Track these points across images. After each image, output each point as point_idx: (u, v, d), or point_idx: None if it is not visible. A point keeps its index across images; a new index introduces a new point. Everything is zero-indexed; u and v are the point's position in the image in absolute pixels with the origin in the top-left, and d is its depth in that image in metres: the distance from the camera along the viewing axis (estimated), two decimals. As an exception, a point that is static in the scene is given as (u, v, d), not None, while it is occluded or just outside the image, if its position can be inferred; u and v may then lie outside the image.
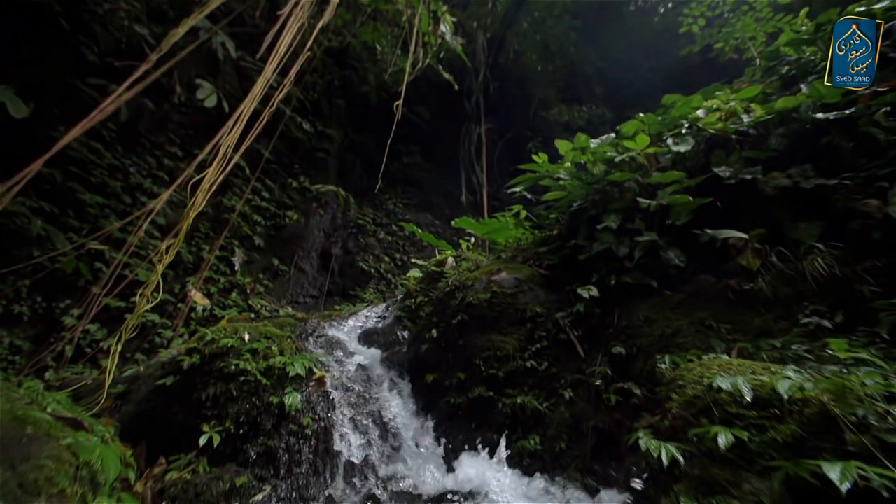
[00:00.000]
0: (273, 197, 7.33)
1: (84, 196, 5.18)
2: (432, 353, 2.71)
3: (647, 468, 1.40)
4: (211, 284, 6.38)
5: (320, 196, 7.60)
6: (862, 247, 2.17)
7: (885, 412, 1.20)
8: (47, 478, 1.17)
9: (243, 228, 6.79)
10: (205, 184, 2.37)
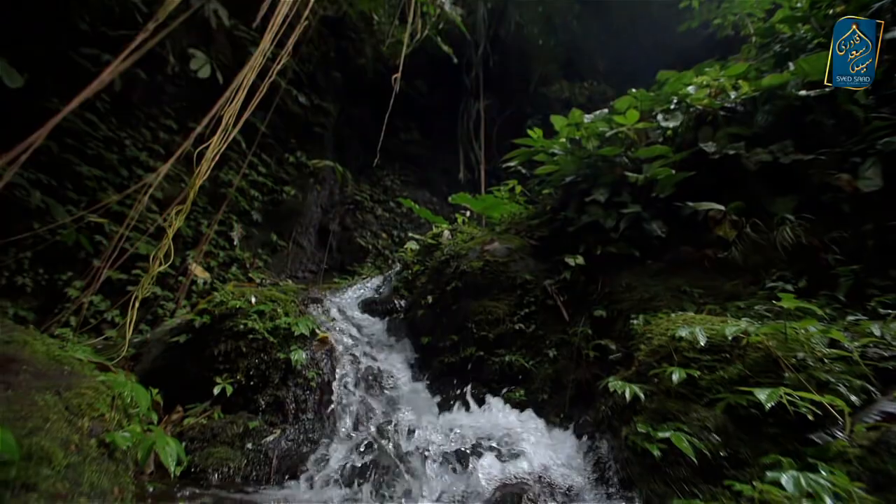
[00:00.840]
0: (270, 172, 7.38)
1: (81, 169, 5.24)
2: (428, 318, 2.92)
3: (613, 405, 1.62)
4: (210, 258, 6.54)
5: (317, 171, 7.65)
6: (831, 218, 2.35)
7: (822, 355, 1.40)
8: (88, 403, 1.37)
9: (241, 203, 6.89)
10: (209, 153, 2.49)
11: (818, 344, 1.42)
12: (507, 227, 3.53)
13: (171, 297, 5.74)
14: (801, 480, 0.87)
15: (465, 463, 1.65)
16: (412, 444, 1.85)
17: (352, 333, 2.95)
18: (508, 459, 1.62)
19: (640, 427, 1.39)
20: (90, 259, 5.19)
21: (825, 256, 2.18)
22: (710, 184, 2.77)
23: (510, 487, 1.35)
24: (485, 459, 1.65)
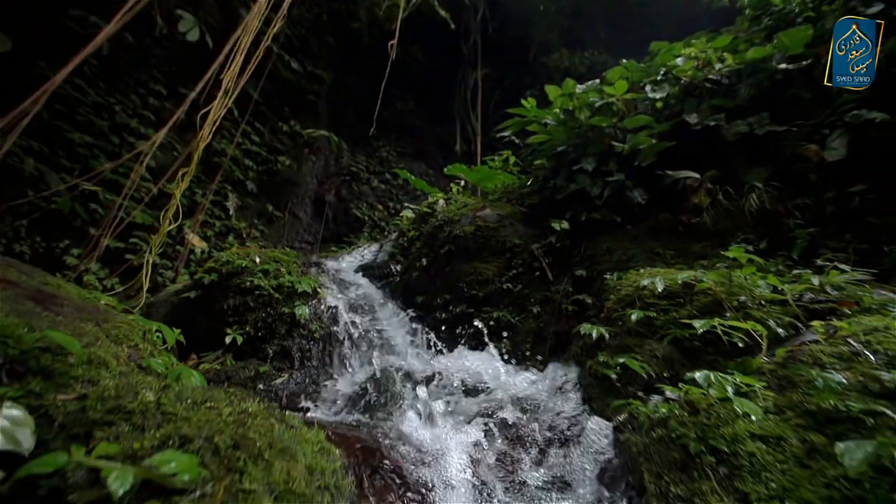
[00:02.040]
0: (263, 141, 7.40)
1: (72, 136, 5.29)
2: (422, 279, 3.16)
3: (583, 345, 1.89)
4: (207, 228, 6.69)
5: (312, 141, 7.67)
6: (798, 187, 2.56)
7: (762, 298, 1.65)
8: (125, 334, 1.60)
9: (235, 173, 6.96)
10: (211, 116, 2.61)
11: (758, 289, 1.67)
12: (500, 196, 3.72)
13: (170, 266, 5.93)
14: (710, 376, 1.12)
15: (454, 393, 1.93)
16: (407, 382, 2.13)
17: (351, 293, 3.20)
18: (490, 391, 1.90)
19: (601, 358, 1.66)
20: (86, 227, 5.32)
21: (787, 221, 2.41)
22: (691, 154, 2.96)
23: (488, 405, 1.63)
24: (470, 391, 1.92)
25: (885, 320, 1.32)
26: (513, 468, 1.18)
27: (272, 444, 0.87)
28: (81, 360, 1.14)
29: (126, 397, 0.92)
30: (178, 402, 0.93)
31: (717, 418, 1.07)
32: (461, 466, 1.13)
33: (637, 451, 1.10)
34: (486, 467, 1.15)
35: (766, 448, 0.98)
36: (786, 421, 1.04)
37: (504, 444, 1.32)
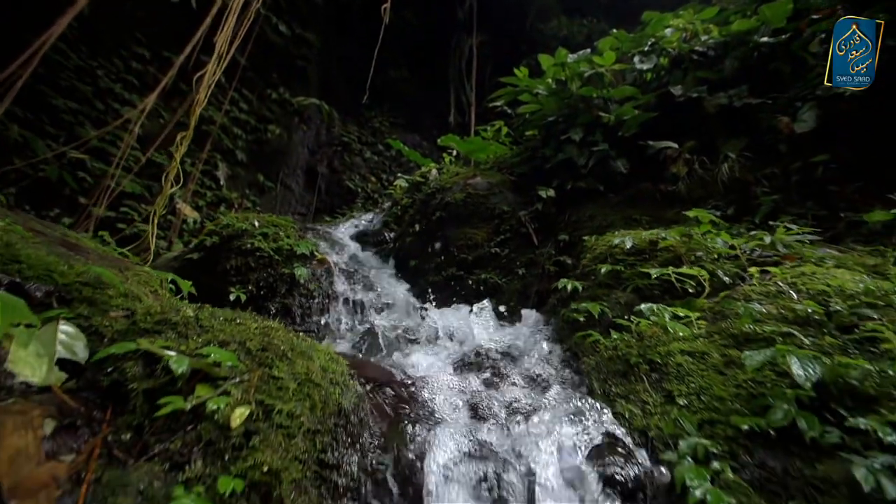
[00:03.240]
0: (252, 109, 7.36)
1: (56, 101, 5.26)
2: (415, 244, 3.38)
3: (559, 297, 2.14)
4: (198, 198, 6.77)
5: (302, 110, 7.64)
6: (769, 157, 2.78)
7: (717, 253, 1.90)
8: (145, 280, 1.80)
9: (224, 142, 6.96)
10: (206, 79, 2.70)
11: (715, 246, 1.91)
12: (491, 166, 3.89)
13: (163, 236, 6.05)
14: (653, 307, 1.37)
15: (440, 343, 2.19)
16: (400, 335, 2.38)
17: (346, 258, 3.41)
18: (476, 339, 2.16)
19: (573, 306, 1.91)
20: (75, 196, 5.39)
21: (755, 189, 2.65)
22: (674, 125, 3.14)
23: (474, 348, 1.89)
24: (456, 341, 2.19)
25: (812, 268, 1.57)
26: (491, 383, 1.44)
27: (293, 348, 1.11)
28: (119, 293, 1.35)
29: (170, 313, 1.14)
30: (213, 319, 1.15)
31: (655, 340, 1.33)
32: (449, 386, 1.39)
33: (590, 368, 1.36)
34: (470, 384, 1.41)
35: (691, 360, 1.24)
36: (712, 341, 1.30)
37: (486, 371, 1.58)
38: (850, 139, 2.63)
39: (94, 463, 0.83)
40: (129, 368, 1.02)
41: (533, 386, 1.43)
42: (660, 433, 1.04)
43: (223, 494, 0.81)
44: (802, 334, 1.20)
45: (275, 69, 7.58)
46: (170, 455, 0.88)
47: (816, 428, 0.94)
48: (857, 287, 1.36)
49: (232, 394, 0.96)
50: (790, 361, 1.02)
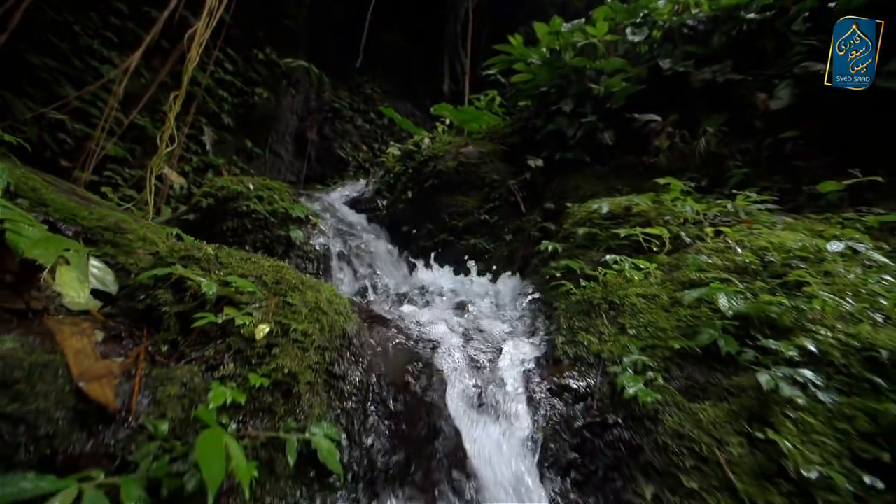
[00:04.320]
0: (238, 70, 7.21)
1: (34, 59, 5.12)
2: (407, 211, 3.55)
3: (541, 258, 2.37)
4: (184, 163, 6.73)
5: (290, 72, 7.50)
6: (745, 132, 2.98)
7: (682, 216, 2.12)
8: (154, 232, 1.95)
9: (210, 105, 6.86)
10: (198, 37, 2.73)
11: (683, 211, 2.13)
12: (484, 136, 4.01)
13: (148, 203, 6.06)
14: (616, 258, 1.60)
15: (430, 298, 2.41)
16: (393, 292, 2.60)
17: (340, 222, 3.57)
18: (463, 294, 2.39)
19: (552, 265, 2.14)
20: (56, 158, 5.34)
21: (728, 163, 2.86)
22: (661, 98, 3.29)
23: (462, 301, 2.11)
24: (446, 296, 2.41)
25: (761, 229, 1.81)
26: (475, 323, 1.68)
27: (303, 283, 1.30)
28: (139, 237, 1.52)
29: (192, 250, 1.31)
30: (230, 257, 1.33)
31: (617, 286, 1.56)
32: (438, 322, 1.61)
33: (560, 310, 1.59)
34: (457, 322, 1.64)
35: (644, 301, 1.48)
36: (663, 287, 1.53)
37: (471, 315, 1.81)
38: (821, 117, 2.84)
39: (141, 364, 1.03)
40: (160, 295, 1.21)
41: (511, 323, 1.67)
42: (610, 355, 1.29)
43: (253, 387, 1.03)
44: (738, 280, 1.44)
45: (261, 27, 7.37)
46: (205, 360, 1.08)
47: (733, 346, 1.19)
48: (795, 244, 1.60)
49: (254, 315, 1.16)
50: (718, 297, 1.25)
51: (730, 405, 1.09)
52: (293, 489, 0.97)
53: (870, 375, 1.12)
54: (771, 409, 1.05)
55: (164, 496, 0.84)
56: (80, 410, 0.86)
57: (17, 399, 0.80)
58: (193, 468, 0.87)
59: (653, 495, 0.95)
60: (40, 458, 0.80)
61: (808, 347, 1.16)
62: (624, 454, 1.03)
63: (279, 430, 1.02)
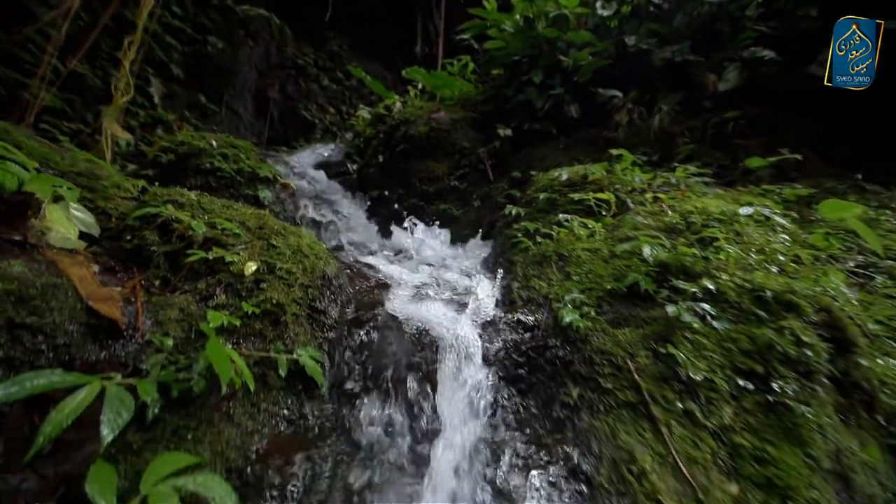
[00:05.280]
0: (187, 15, 6.70)
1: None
2: (378, 175, 3.66)
3: (504, 222, 2.61)
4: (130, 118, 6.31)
5: (248, 21, 7.07)
6: (695, 111, 3.31)
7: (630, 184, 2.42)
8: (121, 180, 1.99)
9: (156, 53, 6.39)
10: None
11: (631, 180, 2.43)
12: (455, 103, 4.13)
13: (89, 158, 5.70)
14: (568, 217, 1.86)
15: (401, 257, 2.60)
16: (365, 251, 2.77)
17: (310, 184, 3.62)
18: (431, 253, 2.61)
19: (515, 226, 2.39)
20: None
21: (678, 140, 3.20)
22: (625, 74, 3.55)
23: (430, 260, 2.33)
24: (415, 255, 2.61)
25: (691, 196, 2.13)
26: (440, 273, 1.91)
27: (285, 228, 1.46)
28: (113, 183, 1.59)
29: (175, 195, 1.42)
30: (212, 203, 1.45)
31: (567, 242, 1.83)
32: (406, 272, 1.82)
33: (517, 262, 1.85)
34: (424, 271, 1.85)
35: (588, 254, 1.76)
36: (604, 242, 1.82)
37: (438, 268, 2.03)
38: (761, 100, 3.21)
39: (139, 292, 1.17)
40: (147, 236, 1.32)
41: (473, 274, 1.91)
42: (556, 295, 1.56)
43: (245, 313, 1.20)
44: (665, 236, 1.74)
45: (213, -33, 6.83)
46: (198, 292, 1.23)
47: (652, 287, 1.49)
48: (716, 209, 1.93)
49: (241, 255, 1.31)
50: (644, 247, 1.55)
51: (643, 330, 1.39)
52: (284, 398, 1.17)
53: (755, 309, 1.46)
54: (674, 332, 1.36)
55: (174, 397, 1.01)
56: (92, 325, 1.00)
57: (35, 313, 0.93)
58: (198, 376, 1.05)
59: (578, 394, 1.24)
60: (60, 364, 0.94)
61: (710, 287, 1.48)
62: (559, 367, 1.32)
63: (269, 351, 1.20)
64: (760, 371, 1.29)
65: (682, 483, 1.03)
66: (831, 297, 1.57)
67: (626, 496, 0.98)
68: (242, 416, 1.08)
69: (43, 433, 0.80)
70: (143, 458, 0.93)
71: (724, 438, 1.16)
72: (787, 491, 1.08)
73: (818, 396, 1.29)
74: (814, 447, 1.19)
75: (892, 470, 1.35)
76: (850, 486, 1.22)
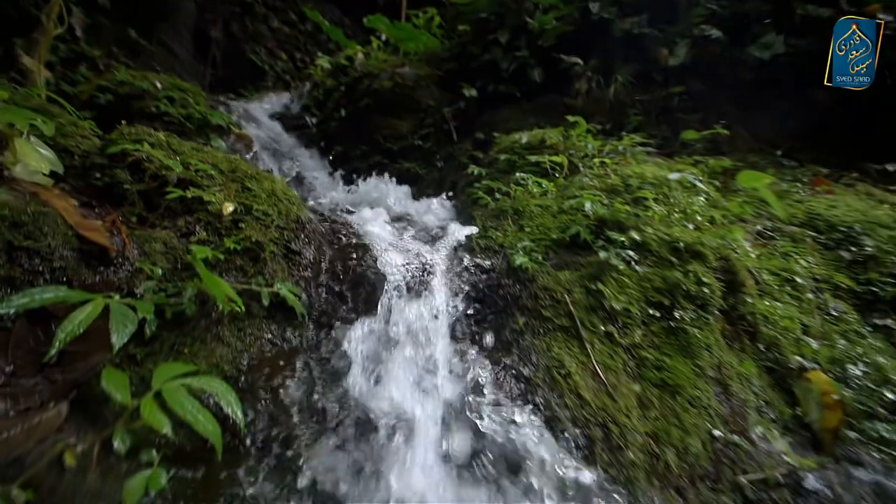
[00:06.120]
0: (108, -71, 5.90)
1: None
2: (340, 130, 3.68)
3: (466, 181, 2.82)
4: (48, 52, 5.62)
5: (184, -55, 6.35)
6: (647, 84, 3.64)
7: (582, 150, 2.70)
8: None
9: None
10: None
11: (584, 146, 2.71)
12: (421, 58, 4.15)
13: None
14: (524, 176, 2.11)
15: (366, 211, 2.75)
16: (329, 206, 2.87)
17: (267, 136, 3.58)
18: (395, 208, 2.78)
19: (476, 185, 2.61)
20: None
21: (629, 111, 3.52)
22: (587, 41, 3.76)
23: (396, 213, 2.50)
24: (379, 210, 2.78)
25: (632, 163, 2.45)
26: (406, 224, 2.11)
27: (258, 173, 1.57)
28: (69, 121, 1.59)
29: (143, 134, 1.47)
30: (182, 145, 1.52)
31: (522, 199, 2.09)
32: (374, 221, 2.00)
33: (477, 215, 2.09)
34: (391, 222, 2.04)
35: (540, 209, 2.03)
36: (555, 200, 2.10)
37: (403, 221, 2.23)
38: (705, 77, 3.59)
39: (121, 226, 1.26)
40: (119, 174, 1.39)
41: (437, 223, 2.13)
42: (510, 244, 1.82)
43: (227, 249, 1.34)
44: (606, 196, 2.05)
45: None
46: (178, 228, 1.34)
47: (590, 237, 1.79)
48: (650, 175, 2.26)
49: (217, 196, 1.42)
50: (585, 204, 1.84)
51: (580, 272, 1.70)
52: (267, 325, 1.35)
53: (670, 257, 1.81)
54: (604, 273, 1.68)
55: (168, 318, 1.16)
56: (85, 251, 1.11)
57: (30, 237, 1.02)
58: (189, 301, 1.20)
59: (524, 322, 1.53)
60: (58, 285, 1.05)
61: (636, 238, 1.81)
62: (509, 302, 1.60)
63: (251, 284, 1.36)
64: (667, 303, 1.65)
65: (598, 382, 1.37)
66: (731, 249, 1.97)
67: (555, 390, 1.29)
68: (231, 339, 1.25)
69: (58, 338, 0.93)
70: (146, 368, 1.08)
71: (633, 353, 1.51)
72: (676, 388, 1.46)
73: (709, 324, 1.69)
74: (701, 360, 1.58)
75: (766, 385, 1.80)
76: (727, 390, 1.64)
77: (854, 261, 2.40)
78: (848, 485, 1.46)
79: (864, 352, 1.95)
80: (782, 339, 1.85)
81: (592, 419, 1.23)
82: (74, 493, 0.82)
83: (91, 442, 0.90)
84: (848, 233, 2.51)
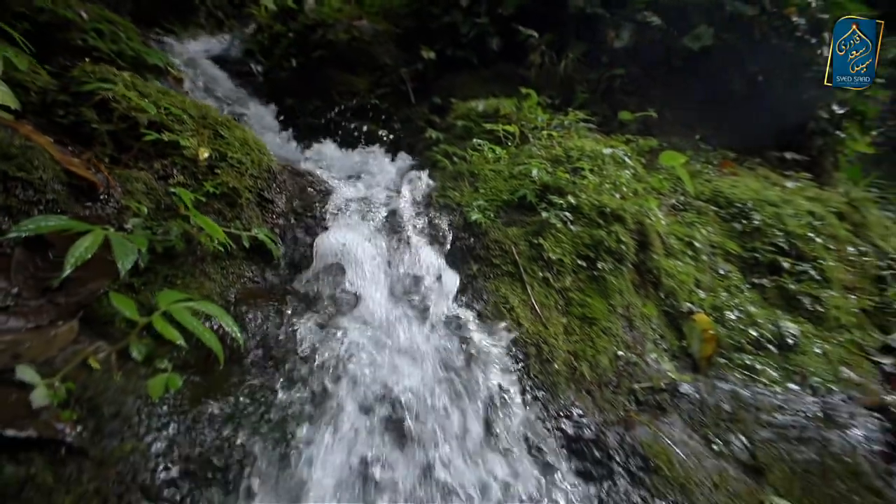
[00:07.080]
0: None
1: None
2: (292, 81, 3.66)
3: (424, 145, 3.05)
4: None
5: None
6: (595, 63, 4.03)
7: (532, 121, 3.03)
8: None
9: None
10: None
11: (535, 118, 3.04)
12: (378, 11, 4.16)
13: None
14: (480, 142, 2.40)
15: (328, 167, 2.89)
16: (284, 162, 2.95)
17: (208, 81, 3.46)
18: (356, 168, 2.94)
19: (434, 149, 2.85)
20: None
21: (577, 88, 3.92)
22: (545, 14, 4.04)
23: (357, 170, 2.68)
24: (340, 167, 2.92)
25: (574, 137, 2.84)
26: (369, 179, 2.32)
27: (228, 121, 1.68)
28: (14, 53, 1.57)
29: (108, 74, 1.51)
30: (147, 87, 1.58)
31: (478, 163, 2.38)
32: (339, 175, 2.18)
33: (437, 176, 2.36)
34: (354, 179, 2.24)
35: (493, 173, 2.34)
36: (507, 165, 2.42)
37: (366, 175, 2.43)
38: (644, 61, 4.06)
39: (100, 164, 1.35)
40: (85, 113, 1.44)
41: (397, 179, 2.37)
42: (467, 203, 2.13)
43: (207, 192, 1.48)
44: (550, 164, 2.41)
45: None
46: (155, 171, 1.45)
47: (535, 200, 2.15)
48: (589, 149, 2.66)
49: (191, 141, 1.53)
50: (533, 171, 2.18)
51: (525, 229, 2.06)
52: (247, 265, 1.54)
53: (598, 219, 2.22)
54: (544, 230, 2.06)
55: (159, 252, 1.31)
56: (74, 186, 1.21)
57: (23, 168, 1.11)
58: (176, 238, 1.35)
59: (477, 268, 1.87)
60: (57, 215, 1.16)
61: (573, 203, 2.20)
62: (465, 252, 1.92)
63: (231, 227, 1.53)
64: (592, 256, 2.08)
65: (535, 315, 1.75)
66: (647, 216, 2.45)
67: (502, 319, 1.65)
68: (216, 275, 1.43)
69: (68, 262, 1.07)
70: (144, 295, 1.24)
71: (563, 294, 1.92)
72: (593, 321, 1.89)
73: (623, 274, 2.14)
74: (614, 301, 2.03)
75: (662, 323, 2.32)
76: (632, 325, 2.12)
77: (744, 231, 3.04)
78: (712, 392, 2.02)
79: (741, 302, 2.57)
80: (679, 289, 2.38)
81: (529, 340, 1.61)
82: (105, 388, 1.00)
83: (108, 352, 1.07)
84: (742, 208, 3.15)
